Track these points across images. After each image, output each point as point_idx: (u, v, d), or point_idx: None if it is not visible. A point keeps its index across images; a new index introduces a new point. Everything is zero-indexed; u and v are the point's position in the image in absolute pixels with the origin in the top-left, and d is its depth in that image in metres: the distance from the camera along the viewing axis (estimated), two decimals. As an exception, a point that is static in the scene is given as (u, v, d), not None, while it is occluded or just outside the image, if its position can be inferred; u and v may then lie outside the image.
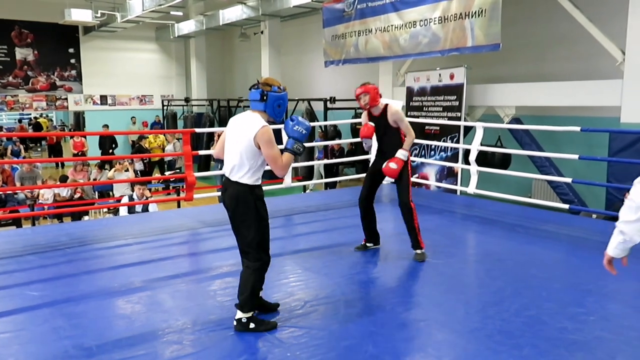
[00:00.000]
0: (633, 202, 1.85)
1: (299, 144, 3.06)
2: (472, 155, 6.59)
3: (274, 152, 2.97)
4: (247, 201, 3.02)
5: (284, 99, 3.05)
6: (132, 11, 14.43)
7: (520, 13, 9.18)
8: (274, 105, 3.02)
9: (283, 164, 3.01)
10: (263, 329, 3.06)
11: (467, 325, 3.17)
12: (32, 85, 17.54)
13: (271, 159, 2.99)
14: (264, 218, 3.08)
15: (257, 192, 3.06)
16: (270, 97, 3.00)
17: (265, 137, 2.94)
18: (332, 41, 10.34)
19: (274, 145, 2.98)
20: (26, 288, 3.80)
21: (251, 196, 3.03)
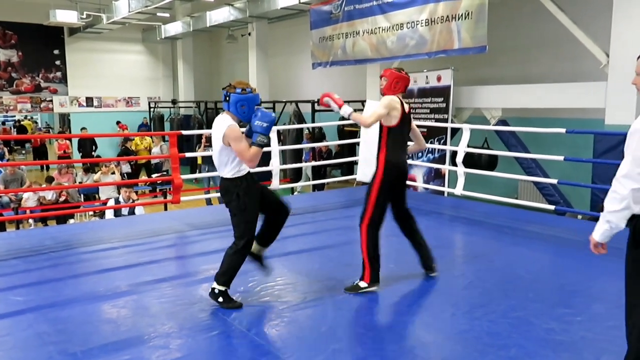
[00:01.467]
0: (617, 194, 2.12)
1: (262, 137, 3.29)
2: (459, 156, 6.63)
3: (240, 147, 3.25)
4: (230, 193, 3.37)
5: (247, 100, 3.28)
6: (118, 12, 14.31)
7: (506, 16, 9.25)
8: (237, 105, 3.29)
9: (250, 157, 3.27)
10: (226, 306, 3.37)
11: (455, 326, 3.17)
12: (16, 87, 17.32)
13: (239, 154, 3.28)
14: (247, 207, 3.35)
15: (239, 184, 3.35)
16: (231, 98, 3.28)
17: (232, 135, 3.25)
18: (320, 43, 10.34)
19: (241, 141, 3.27)
20: (10, 293, 3.74)
21: (234, 188, 3.35)
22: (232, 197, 3.36)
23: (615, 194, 2.14)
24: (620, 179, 2.13)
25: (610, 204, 2.17)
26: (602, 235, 2.25)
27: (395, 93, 3.78)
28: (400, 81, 3.78)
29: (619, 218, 2.15)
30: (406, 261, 4.42)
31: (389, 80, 3.78)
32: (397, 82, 3.77)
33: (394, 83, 3.77)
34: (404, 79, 3.81)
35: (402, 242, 5.08)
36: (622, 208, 2.12)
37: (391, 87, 3.78)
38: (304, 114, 12.99)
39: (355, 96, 12.69)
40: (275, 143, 6.78)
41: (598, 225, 2.26)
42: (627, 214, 2.14)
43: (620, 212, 2.13)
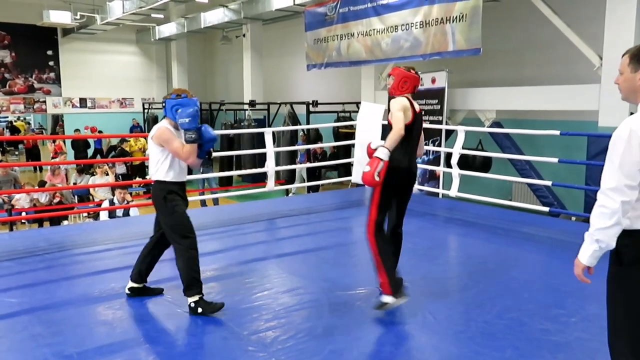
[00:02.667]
0: (606, 209, 1.93)
1: (189, 133, 3.34)
2: (453, 158, 6.65)
3: (174, 147, 3.35)
4: (158, 196, 3.42)
5: (181, 104, 3.36)
6: (112, 13, 14.27)
7: (500, 18, 9.30)
8: (172, 110, 3.39)
9: (185, 155, 3.35)
10: (210, 310, 3.30)
11: (450, 327, 3.19)
12: (9, 88, 17.21)
13: (174, 153, 3.37)
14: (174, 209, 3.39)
15: (166, 187, 3.41)
16: (166, 103, 3.42)
17: (163, 137, 3.37)
18: (314, 45, 10.35)
19: (173, 141, 3.35)
20: (4, 295, 3.72)
21: (160, 192, 3.41)
22: (160, 201, 3.41)
23: (604, 208, 1.94)
24: (607, 192, 1.94)
25: (598, 221, 1.96)
26: (590, 257, 2.03)
27: (402, 93, 3.50)
28: (409, 81, 3.50)
29: (610, 236, 1.95)
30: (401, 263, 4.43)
31: (396, 79, 3.51)
32: (404, 82, 3.50)
33: (401, 83, 3.49)
34: (413, 78, 3.52)
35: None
36: (613, 224, 1.92)
37: (398, 87, 3.51)
38: (299, 115, 12.99)
39: (350, 98, 12.73)
40: (270, 144, 6.78)
41: (585, 247, 2.04)
42: (617, 230, 1.94)
43: (611, 228, 1.93)
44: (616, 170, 1.93)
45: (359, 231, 5.93)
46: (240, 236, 5.54)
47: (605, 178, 1.97)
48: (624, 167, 1.91)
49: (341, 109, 13.04)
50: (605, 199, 1.94)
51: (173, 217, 3.38)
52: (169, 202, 3.38)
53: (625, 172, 1.91)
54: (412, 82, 3.52)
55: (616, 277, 2.05)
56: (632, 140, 1.90)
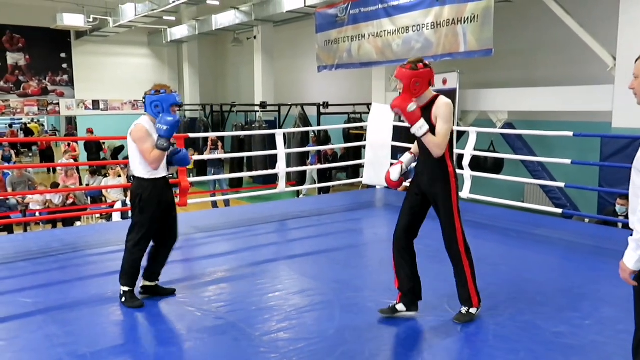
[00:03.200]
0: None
1: (162, 140, 3.36)
2: (465, 159, 6.61)
3: (143, 148, 3.38)
4: (134, 193, 3.48)
5: (160, 100, 3.39)
6: (124, 16, 14.38)
7: (512, 19, 9.25)
8: (151, 106, 3.42)
9: (151, 159, 3.37)
10: (129, 304, 3.43)
11: (462, 330, 3.17)
12: (23, 90, 17.41)
13: (142, 154, 3.40)
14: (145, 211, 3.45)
15: (145, 185, 3.45)
16: (146, 99, 3.45)
17: (136, 135, 3.39)
18: (325, 46, 10.36)
19: (145, 142, 3.37)
20: (19, 295, 3.76)
21: (138, 189, 3.46)
22: (135, 198, 3.47)
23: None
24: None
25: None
26: (638, 263, 1.95)
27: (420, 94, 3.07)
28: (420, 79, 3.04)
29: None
30: (413, 264, 4.42)
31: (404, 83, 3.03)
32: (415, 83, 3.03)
33: (412, 85, 3.03)
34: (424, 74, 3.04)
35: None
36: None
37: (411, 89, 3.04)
38: (310, 116, 13.01)
39: (360, 99, 12.72)
40: (281, 146, 6.79)
41: (630, 253, 1.98)
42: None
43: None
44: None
45: (369, 232, 5.95)
46: (251, 237, 5.56)
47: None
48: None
49: (352, 111, 13.04)
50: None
51: (140, 217, 3.47)
52: (142, 201, 3.44)
53: None
54: (425, 78, 3.07)
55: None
56: None
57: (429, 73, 3.08)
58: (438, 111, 3.08)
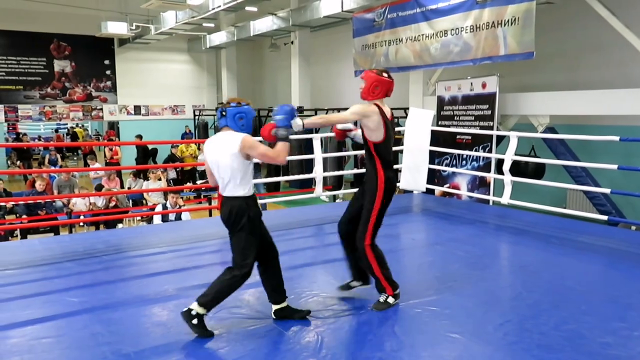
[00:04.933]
0: None
1: (282, 129, 3.15)
2: (506, 164, 6.49)
3: (261, 150, 3.14)
4: (241, 213, 3.15)
5: (244, 112, 3.18)
6: (165, 23, 14.75)
7: (554, 21, 9.04)
8: (234, 118, 3.16)
9: (275, 153, 3.15)
10: (198, 332, 3.11)
11: (505, 338, 3.11)
12: (69, 96, 18.06)
13: (262, 156, 3.19)
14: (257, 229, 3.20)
15: (250, 203, 3.18)
16: (228, 112, 3.17)
17: (249, 143, 3.09)
18: (362, 51, 10.36)
19: (259, 145, 3.15)
20: (65, 294, 3.89)
21: (246, 208, 3.15)
22: (243, 218, 3.14)
23: None
24: None
25: None
26: None
27: (374, 98, 3.45)
28: (380, 85, 3.42)
29: None
30: (450, 271, 4.37)
31: (366, 83, 3.43)
32: (375, 87, 3.42)
33: (372, 87, 3.42)
34: (386, 82, 3.44)
35: (446, 251, 5.03)
36: None
37: (369, 91, 3.44)
38: (346, 121, 12.99)
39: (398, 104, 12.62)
40: (318, 150, 6.82)
41: None
42: None
43: None
44: None
45: (407, 238, 5.90)
46: (288, 241, 5.58)
47: None
48: None
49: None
50: None
51: (250, 238, 3.17)
52: (250, 221, 3.14)
53: None
54: (384, 87, 3.44)
55: None
56: None
57: (389, 84, 3.48)
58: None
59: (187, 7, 12.71)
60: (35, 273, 4.41)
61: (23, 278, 4.30)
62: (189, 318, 3.10)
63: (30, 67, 17.38)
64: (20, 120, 18.34)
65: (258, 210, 3.22)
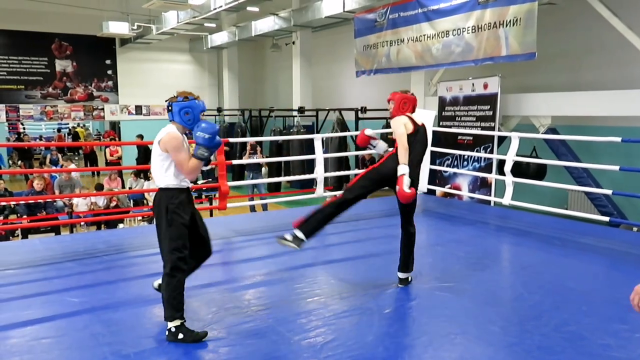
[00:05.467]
0: None
1: (203, 149, 3.10)
2: (507, 165, 6.49)
3: (179, 158, 3.09)
4: (159, 206, 3.13)
5: (191, 106, 3.13)
6: (167, 23, 14.75)
7: (556, 21, 9.03)
8: (180, 113, 3.13)
9: (189, 169, 3.11)
10: (190, 339, 3.04)
11: (505, 339, 3.10)
12: (70, 96, 18.06)
13: (178, 164, 3.11)
14: (174, 223, 3.09)
15: (172, 196, 3.12)
16: (174, 107, 3.14)
17: (171, 144, 3.07)
18: (364, 51, 10.35)
19: (180, 151, 3.09)
20: (66, 294, 3.89)
21: (165, 200, 3.12)
22: (161, 211, 3.10)
23: None
24: None
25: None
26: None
27: (404, 113, 3.97)
28: (408, 102, 3.99)
29: None
30: (451, 272, 4.36)
31: (396, 103, 3.99)
32: (404, 104, 3.98)
33: (401, 105, 3.98)
34: (412, 99, 4.02)
35: (447, 251, 5.03)
36: None
37: (399, 109, 3.98)
38: (348, 121, 13.01)
39: (399, 104, 12.63)
40: (320, 151, 6.81)
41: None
42: None
43: None
44: None
45: (408, 239, 5.88)
46: (289, 242, 5.58)
47: None
48: None
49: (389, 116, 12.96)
50: None
51: (169, 230, 3.09)
52: (169, 213, 3.09)
53: None
54: (411, 103, 4.00)
55: None
56: None
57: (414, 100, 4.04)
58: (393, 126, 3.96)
59: (189, 7, 12.70)
60: (36, 273, 4.41)
61: (24, 278, 4.29)
62: (174, 337, 3.05)
63: (31, 67, 17.38)
64: (21, 120, 18.36)
65: (179, 203, 3.12)
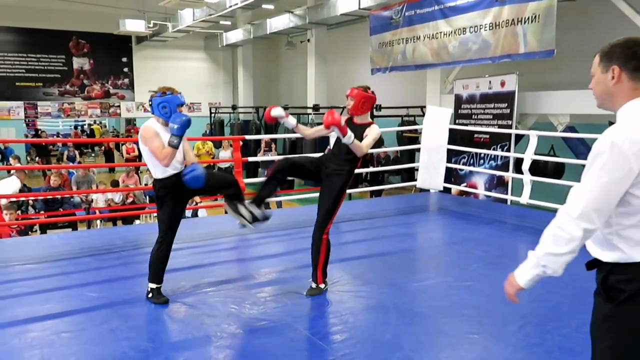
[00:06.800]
0: (564, 233, 1.66)
1: (173, 137, 3.40)
2: (525, 164, 6.41)
3: (153, 146, 3.43)
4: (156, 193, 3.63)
5: (167, 101, 3.45)
6: (182, 21, 14.84)
7: (576, 18, 8.91)
8: (158, 107, 3.47)
9: (162, 156, 3.43)
10: (155, 301, 3.57)
11: (524, 340, 3.06)
12: (87, 93, 18.25)
13: (152, 151, 3.45)
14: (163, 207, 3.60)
15: (162, 185, 3.57)
16: (153, 101, 3.49)
17: (144, 135, 3.46)
18: (379, 49, 10.31)
19: (153, 140, 3.43)
20: (84, 289, 3.92)
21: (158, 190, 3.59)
22: (155, 198, 3.65)
23: (562, 231, 1.66)
24: (572, 214, 1.64)
25: (550, 244, 1.69)
26: (530, 281, 1.78)
27: (363, 113, 3.80)
28: (367, 101, 3.78)
29: (560, 264, 1.69)
30: (468, 271, 4.33)
31: (355, 100, 3.74)
32: (364, 103, 3.76)
33: (360, 103, 3.75)
34: (371, 98, 3.81)
35: (463, 250, 4.98)
36: (567, 252, 1.66)
37: (359, 107, 3.76)
38: (362, 119, 12.96)
39: (414, 102, 12.58)
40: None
41: (526, 268, 1.78)
42: (570, 260, 1.69)
43: (565, 256, 1.67)
44: (588, 191, 1.62)
45: (424, 237, 5.86)
46: (304, 239, 5.52)
47: (573, 197, 1.67)
48: (599, 189, 1.61)
49: (405, 113, 12.91)
50: (567, 221, 1.65)
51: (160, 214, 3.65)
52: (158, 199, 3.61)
53: (600, 195, 1.61)
54: (370, 102, 3.80)
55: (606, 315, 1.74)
56: (613, 156, 1.59)
57: (373, 99, 3.82)
58: (371, 131, 3.72)
59: (205, 5, 12.77)
60: (55, 268, 4.46)
61: (43, 273, 4.34)
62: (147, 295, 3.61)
63: (49, 65, 17.60)
64: (39, 117, 18.59)
65: (165, 191, 3.57)
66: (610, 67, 1.73)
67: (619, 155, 1.58)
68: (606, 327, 1.74)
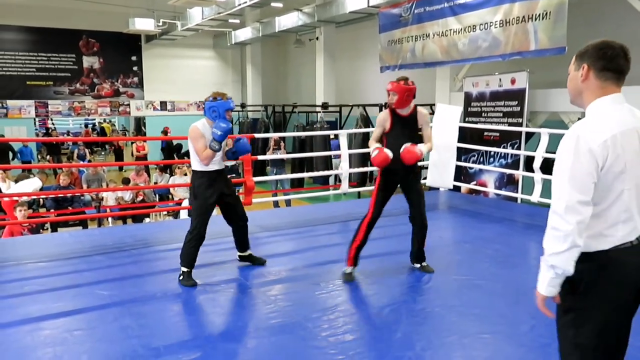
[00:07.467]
0: (559, 231, 1.71)
1: (214, 143, 3.80)
2: (536, 162, 6.37)
3: (197, 146, 3.86)
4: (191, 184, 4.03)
5: (217, 106, 3.87)
6: (192, 20, 14.86)
7: (587, 15, 8.82)
8: (209, 112, 3.91)
9: (203, 156, 3.85)
10: (184, 283, 3.86)
11: (536, 339, 3.04)
12: (97, 92, 18.34)
13: (195, 151, 3.87)
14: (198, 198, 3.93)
15: (198, 177, 3.94)
16: (205, 105, 3.94)
17: (192, 134, 3.89)
18: (388, 46, 10.27)
19: (198, 141, 3.86)
20: (96, 287, 3.94)
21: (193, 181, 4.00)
22: (191, 188, 4.00)
23: (557, 231, 1.72)
24: (558, 212, 1.71)
25: (551, 245, 1.74)
26: (549, 287, 1.78)
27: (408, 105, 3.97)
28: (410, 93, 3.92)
29: (567, 260, 1.72)
30: (479, 270, 4.31)
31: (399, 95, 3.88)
32: (407, 95, 3.89)
33: (404, 97, 3.88)
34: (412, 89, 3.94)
35: (474, 249, 4.96)
36: (568, 247, 1.70)
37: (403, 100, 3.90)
38: (371, 117, 12.93)
39: (424, 100, 12.51)
40: (345, 147, 6.79)
41: (540, 276, 1.80)
42: (575, 254, 1.72)
43: (568, 252, 1.71)
44: (566, 186, 1.70)
45: (434, 236, 5.79)
46: (314, 237, 5.58)
47: (555, 196, 1.74)
48: (574, 181, 1.69)
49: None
50: (558, 219, 1.72)
51: (194, 203, 3.98)
52: (194, 189, 3.95)
53: (576, 186, 1.69)
54: (413, 93, 3.95)
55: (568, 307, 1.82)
56: (580, 149, 1.69)
57: (414, 89, 3.95)
58: (424, 119, 4.01)
59: (213, 3, 12.77)
60: (66, 266, 4.49)
61: (54, 270, 4.38)
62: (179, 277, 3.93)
63: (60, 63, 17.69)
64: (50, 116, 18.71)
65: (202, 183, 3.91)
66: (581, 65, 1.88)
67: (584, 148, 1.70)
68: (568, 319, 1.83)
